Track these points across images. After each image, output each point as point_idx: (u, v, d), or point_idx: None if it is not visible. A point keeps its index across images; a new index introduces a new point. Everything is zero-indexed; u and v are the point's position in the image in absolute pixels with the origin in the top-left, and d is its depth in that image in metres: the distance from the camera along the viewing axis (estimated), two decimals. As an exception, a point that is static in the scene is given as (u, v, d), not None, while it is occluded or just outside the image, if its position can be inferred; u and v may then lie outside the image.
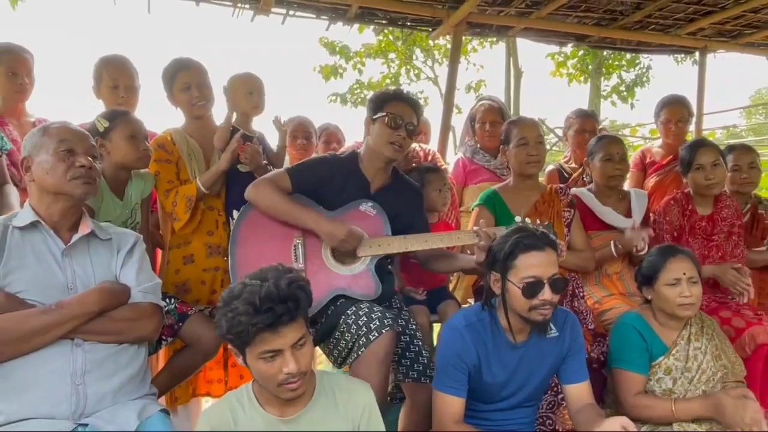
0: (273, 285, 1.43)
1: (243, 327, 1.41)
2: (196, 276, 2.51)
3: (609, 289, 2.66)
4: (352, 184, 2.24)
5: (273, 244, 2.19)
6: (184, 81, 2.51)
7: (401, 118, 2.20)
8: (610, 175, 2.71)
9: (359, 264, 2.17)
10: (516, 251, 1.79)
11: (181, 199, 2.44)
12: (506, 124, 2.68)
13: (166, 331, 2.12)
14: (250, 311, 1.40)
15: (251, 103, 2.64)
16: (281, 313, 1.41)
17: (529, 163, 2.49)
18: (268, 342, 1.43)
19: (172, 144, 2.52)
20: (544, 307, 1.77)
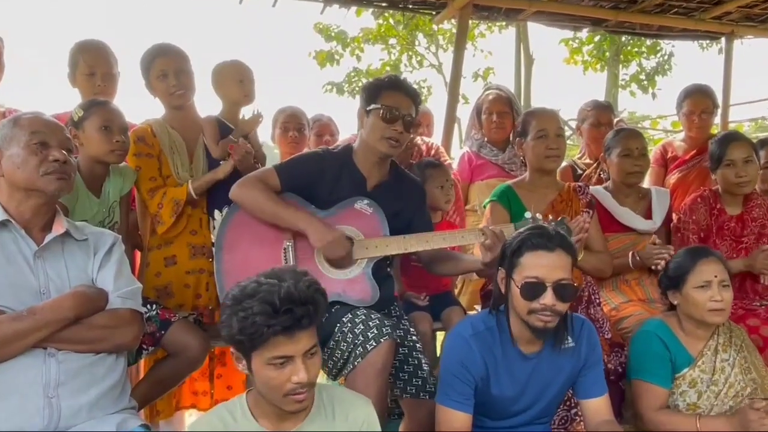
0: (293, 285, 1.43)
1: (257, 328, 1.39)
2: (179, 279, 2.52)
3: (627, 295, 2.67)
4: (347, 181, 2.23)
5: (261, 248, 2.19)
6: (161, 68, 2.51)
7: (397, 110, 2.19)
8: (629, 171, 2.70)
9: (355, 267, 2.17)
10: (522, 248, 1.80)
11: (168, 202, 2.44)
12: (523, 114, 2.68)
13: (146, 340, 2.12)
14: (267, 311, 1.39)
15: (242, 91, 2.64)
16: (301, 316, 1.41)
17: (548, 157, 2.49)
18: (281, 347, 1.42)
19: (152, 136, 2.52)
20: (545, 313, 1.77)
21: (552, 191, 2.57)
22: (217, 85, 2.67)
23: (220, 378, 2.75)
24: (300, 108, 3.41)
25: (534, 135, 2.50)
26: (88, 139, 2.25)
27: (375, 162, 2.26)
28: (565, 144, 2.59)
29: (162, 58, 2.52)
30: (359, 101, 2.31)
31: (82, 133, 2.25)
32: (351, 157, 2.28)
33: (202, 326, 2.35)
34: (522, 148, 2.59)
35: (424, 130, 3.64)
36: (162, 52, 2.54)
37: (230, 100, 2.65)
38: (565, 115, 10.77)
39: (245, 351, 1.46)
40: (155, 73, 2.52)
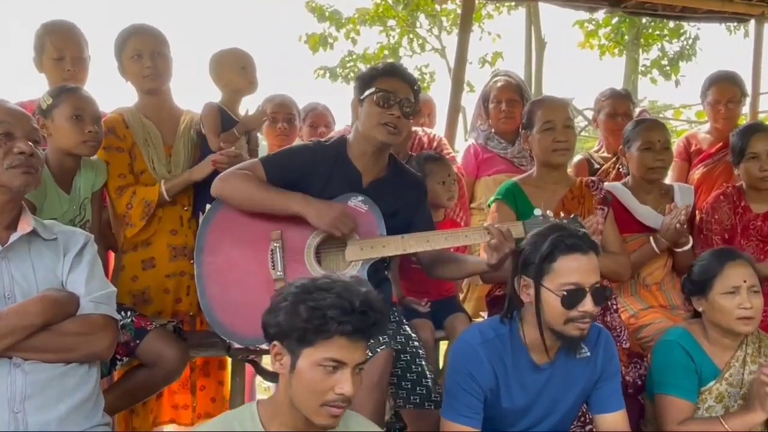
0: (369, 292, 1.48)
1: (327, 321, 1.42)
2: (158, 283, 2.51)
3: (647, 301, 2.66)
4: (340, 176, 2.23)
5: (246, 249, 2.18)
6: (135, 48, 2.50)
7: (393, 93, 2.19)
8: (650, 166, 2.70)
9: (349, 270, 2.16)
10: (555, 252, 1.79)
11: (138, 203, 2.43)
12: (528, 105, 2.68)
13: (120, 350, 2.11)
14: (345, 307, 1.43)
15: (246, 78, 2.64)
16: (373, 322, 1.46)
17: (555, 150, 2.49)
18: (339, 350, 1.44)
19: (124, 127, 2.51)
20: (584, 320, 1.78)
21: (562, 187, 2.57)
22: (217, 75, 2.67)
23: (203, 390, 2.75)
24: (290, 96, 3.39)
25: (540, 127, 2.50)
26: (58, 129, 2.24)
27: (372, 155, 2.26)
28: (575, 136, 2.58)
29: (137, 38, 2.51)
30: (353, 93, 2.30)
31: (51, 122, 2.24)
32: (345, 151, 2.27)
33: (182, 334, 2.34)
34: (528, 142, 2.59)
35: (426, 120, 3.62)
36: (137, 31, 2.53)
37: (232, 89, 2.65)
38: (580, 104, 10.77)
39: (296, 345, 1.46)
40: (129, 53, 2.51)
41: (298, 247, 2.17)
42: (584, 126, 10.38)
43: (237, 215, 2.20)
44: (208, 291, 2.17)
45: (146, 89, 2.56)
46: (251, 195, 2.15)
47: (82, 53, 2.67)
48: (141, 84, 2.55)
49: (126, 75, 2.57)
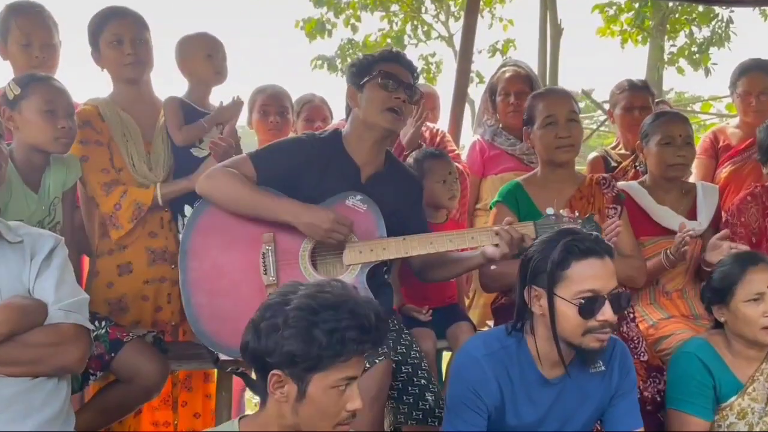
0: (370, 302, 1.50)
1: (347, 344, 1.43)
2: (135, 290, 2.52)
3: (668, 310, 2.66)
4: (336, 172, 2.24)
5: (235, 253, 2.19)
6: (115, 33, 2.51)
7: (398, 76, 2.22)
8: (670, 163, 2.70)
9: (347, 275, 2.17)
10: (569, 258, 1.79)
11: (128, 204, 2.44)
12: (529, 99, 2.69)
13: (94, 363, 2.12)
14: (363, 326, 1.44)
15: (212, 68, 2.64)
16: (383, 335, 1.50)
17: (558, 147, 2.49)
18: (353, 367, 1.47)
19: (100, 120, 2.52)
20: (603, 330, 1.78)
21: (569, 186, 2.57)
22: (181, 61, 2.67)
23: (185, 406, 2.76)
24: (282, 88, 3.40)
25: (541, 122, 2.51)
26: (27, 123, 2.24)
27: (372, 145, 2.27)
28: (580, 130, 2.59)
29: (117, 22, 2.52)
30: (347, 82, 2.31)
31: (19, 115, 2.24)
32: (341, 143, 2.28)
33: (162, 346, 2.35)
34: (530, 139, 2.60)
35: (428, 113, 3.63)
36: (117, 14, 2.53)
37: (197, 78, 2.66)
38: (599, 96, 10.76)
39: (306, 372, 1.45)
40: (107, 38, 2.51)
41: (292, 250, 2.18)
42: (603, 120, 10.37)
43: (225, 216, 2.21)
44: (193, 299, 2.18)
45: (126, 79, 2.57)
46: (237, 197, 2.15)
47: (52, 38, 2.68)
48: (120, 73, 2.56)
49: (102, 63, 2.57)
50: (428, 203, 2.72)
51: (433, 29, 13.73)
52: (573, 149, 2.53)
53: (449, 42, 13.83)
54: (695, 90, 21.01)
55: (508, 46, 13.08)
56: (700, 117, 11.59)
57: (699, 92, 15.74)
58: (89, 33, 2.56)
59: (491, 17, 13.00)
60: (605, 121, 10.33)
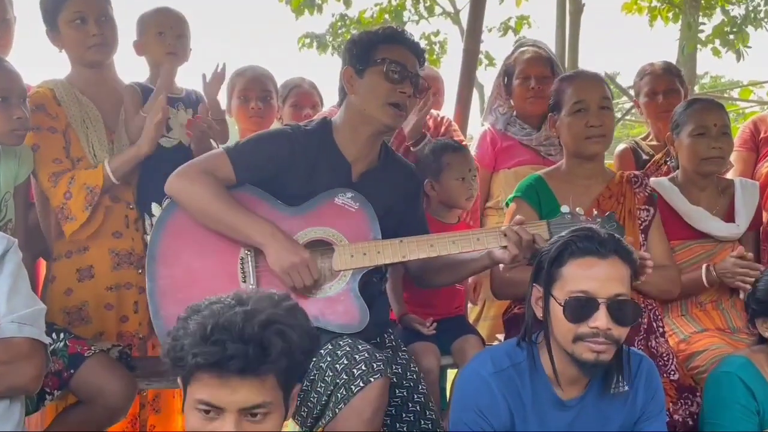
0: (242, 314, 1.46)
1: (182, 354, 1.45)
2: (98, 298, 2.52)
3: (701, 323, 2.67)
4: (325, 167, 2.24)
5: (210, 259, 2.19)
6: (77, 10, 2.51)
7: (404, 66, 2.21)
8: (704, 156, 2.71)
9: (337, 282, 2.18)
10: (564, 255, 1.81)
11: (78, 190, 2.43)
12: (556, 82, 2.69)
13: (51, 381, 2.11)
14: (196, 336, 1.45)
15: (163, 46, 2.65)
16: (232, 355, 1.42)
17: (589, 138, 2.50)
18: (209, 389, 1.45)
19: (56, 104, 2.52)
20: (596, 340, 1.78)
21: (597, 183, 2.58)
22: (137, 41, 2.69)
23: (153, 430, 2.76)
24: (265, 69, 3.40)
25: (570, 108, 2.51)
26: None
27: (366, 140, 2.27)
28: (613, 119, 2.60)
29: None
30: (344, 60, 2.31)
31: None
32: (331, 136, 2.28)
33: (129, 361, 2.35)
34: (555, 127, 2.60)
35: (431, 99, 3.64)
36: None
37: (152, 59, 2.67)
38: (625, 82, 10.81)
39: (183, 381, 1.51)
40: (68, 16, 2.52)
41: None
42: (629, 108, 10.39)
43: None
44: (163, 311, 2.18)
45: (90, 61, 2.57)
46: (206, 210, 2.15)
47: (6, 14, 2.68)
48: (83, 55, 2.56)
49: (61, 43, 2.58)
50: (442, 201, 2.73)
51: (436, 4, 13.74)
52: (604, 140, 2.53)
53: (455, 19, 13.85)
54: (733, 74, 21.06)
55: (522, 24, 13.09)
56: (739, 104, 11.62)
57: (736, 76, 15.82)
58: (44, 10, 2.57)
59: (503, -10, 13.02)
60: (631, 109, 10.36)
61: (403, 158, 2.53)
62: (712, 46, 12.23)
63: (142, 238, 2.56)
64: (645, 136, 3.60)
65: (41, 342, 1.80)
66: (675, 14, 11.92)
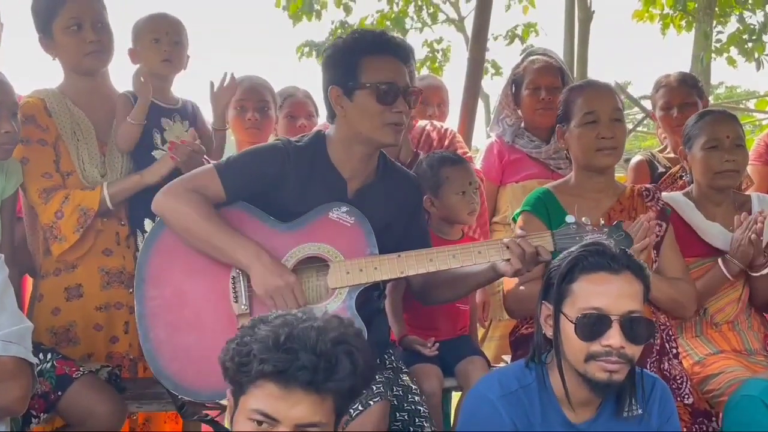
0: (316, 329, 1.51)
1: (249, 359, 1.48)
2: (86, 317, 2.52)
3: (717, 344, 2.67)
4: (319, 184, 2.25)
5: (201, 280, 2.19)
6: (73, 16, 2.53)
7: (394, 83, 2.19)
8: (718, 170, 2.71)
9: (333, 300, 2.18)
10: (575, 271, 1.81)
11: (71, 210, 2.44)
12: (565, 92, 2.70)
13: (37, 403, 2.11)
14: (267, 342, 1.48)
15: (158, 54, 2.65)
16: (303, 365, 1.46)
17: (599, 150, 2.50)
18: (268, 399, 1.48)
19: (46, 115, 2.53)
20: (609, 359, 1.78)
21: (608, 197, 2.59)
22: (132, 48, 2.70)
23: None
24: (262, 79, 3.41)
25: (580, 120, 2.52)
26: None
27: (362, 156, 2.27)
28: (624, 131, 2.60)
29: (75, 3, 2.53)
30: (326, 76, 2.28)
31: None
32: (324, 151, 2.29)
33: (118, 383, 2.35)
34: (564, 139, 2.61)
35: (435, 111, 3.65)
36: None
37: (147, 67, 2.66)
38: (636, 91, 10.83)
39: (236, 392, 1.54)
40: (64, 21, 2.53)
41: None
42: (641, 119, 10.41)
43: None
44: (152, 334, 2.18)
45: (86, 69, 2.58)
46: (192, 230, 2.15)
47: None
48: (79, 62, 2.57)
49: (56, 51, 2.59)
50: (443, 217, 2.73)
51: (440, 11, 13.81)
52: (615, 153, 2.54)
53: (459, 26, 13.93)
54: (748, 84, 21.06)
55: (529, 32, 13.15)
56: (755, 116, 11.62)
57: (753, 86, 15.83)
58: (37, 15, 2.58)
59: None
60: (642, 120, 10.39)
61: (403, 168, 2.52)
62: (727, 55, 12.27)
63: (134, 256, 2.56)
64: (662, 149, 3.61)
65: (28, 362, 1.80)
66: (688, 22, 11.95)
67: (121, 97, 2.63)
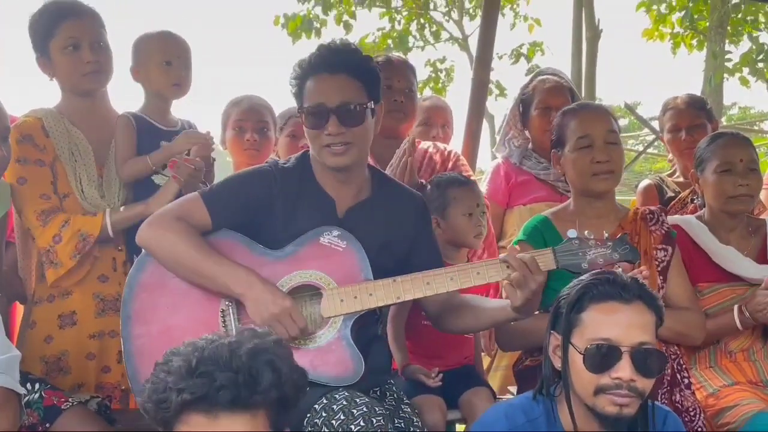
0: (228, 346, 1.49)
1: (165, 394, 1.45)
2: (79, 346, 2.51)
3: (731, 375, 2.66)
4: (308, 205, 2.25)
5: (189, 313, 2.19)
6: (71, 36, 2.54)
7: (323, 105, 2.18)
8: (731, 194, 2.72)
9: (327, 330, 2.17)
10: (584, 300, 1.82)
11: (71, 236, 2.44)
12: (558, 116, 2.71)
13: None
14: (181, 372, 1.45)
15: (170, 78, 2.67)
16: (222, 385, 1.44)
17: (595, 174, 2.52)
18: (197, 429, 1.45)
19: (44, 135, 2.54)
20: (619, 392, 1.77)
21: (609, 222, 2.59)
22: (135, 67, 2.71)
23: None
24: (263, 99, 3.42)
25: (574, 144, 2.54)
26: None
27: (339, 176, 2.26)
28: (621, 154, 2.61)
29: (72, 22, 2.55)
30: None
31: None
32: (310, 171, 2.29)
33: (108, 414, 2.34)
34: (560, 164, 2.62)
35: (439, 132, 3.66)
36: (72, 12, 2.57)
37: (153, 88, 2.69)
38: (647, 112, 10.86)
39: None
40: (61, 41, 2.54)
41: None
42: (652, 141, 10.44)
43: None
44: (140, 373, 2.15)
45: (84, 90, 2.60)
46: (179, 260, 2.15)
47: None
48: (77, 84, 2.59)
49: (53, 71, 2.60)
50: (449, 240, 2.73)
51: (443, 29, 13.93)
52: (612, 177, 2.55)
53: (463, 45, 14.02)
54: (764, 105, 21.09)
55: (535, 51, 13.25)
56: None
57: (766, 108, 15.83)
58: (34, 35, 2.59)
59: (514, 16, 13.21)
60: (653, 142, 10.40)
61: (401, 184, 2.52)
62: (739, 75, 12.31)
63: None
64: (671, 173, 3.62)
65: (15, 392, 1.79)
66: (699, 41, 12.02)
67: (121, 118, 2.64)
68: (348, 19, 12.79)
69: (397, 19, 13.47)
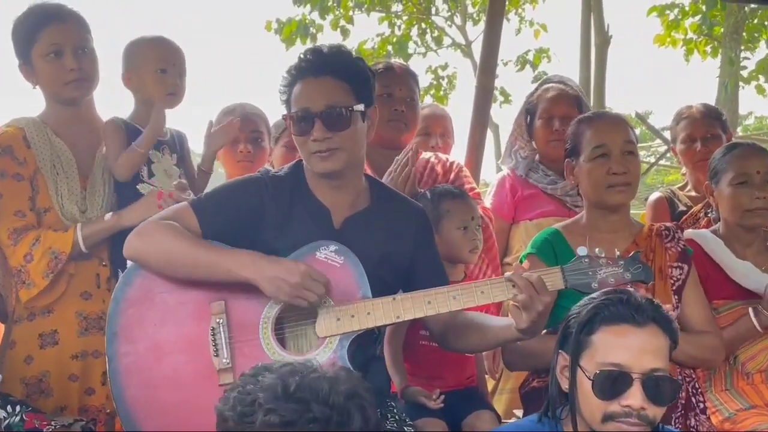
0: (327, 380, 1.52)
1: (253, 407, 1.47)
2: (61, 367, 2.51)
3: (748, 399, 2.66)
4: (302, 217, 2.26)
5: (177, 331, 2.18)
6: (53, 42, 2.55)
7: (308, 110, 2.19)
8: (747, 208, 2.73)
9: (323, 350, 2.16)
10: (595, 321, 1.82)
11: (42, 254, 2.44)
12: (573, 124, 2.72)
13: (5, 462, 2.11)
14: (276, 390, 1.48)
15: (165, 86, 2.68)
16: (315, 417, 1.47)
17: (611, 186, 2.52)
18: None
19: (25, 147, 2.54)
20: (628, 420, 1.77)
21: (622, 237, 2.59)
22: (126, 73, 2.72)
23: None
24: (257, 108, 3.44)
25: (589, 154, 2.54)
26: None
27: (334, 184, 2.27)
28: (638, 165, 2.61)
29: (55, 28, 2.55)
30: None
31: None
32: (304, 180, 2.31)
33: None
34: (573, 175, 2.62)
35: (438, 141, 3.67)
36: (55, 17, 2.57)
37: (146, 96, 2.69)
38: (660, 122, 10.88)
39: None
40: (42, 48, 2.55)
41: (249, 322, 2.17)
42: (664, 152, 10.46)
43: (162, 282, 2.21)
44: (127, 393, 2.15)
45: (67, 98, 2.61)
46: (177, 255, 2.14)
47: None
48: (60, 92, 2.60)
49: (36, 79, 2.61)
50: (443, 255, 2.72)
51: (445, 34, 13.98)
52: (629, 189, 2.55)
53: (466, 51, 14.07)
54: (780, 115, 21.17)
55: (541, 58, 13.30)
56: (787, 149, 11.61)
57: (785, 117, 15.88)
58: (16, 41, 2.60)
59: (519, 21, 13.26)
60: (665, 153, 10.42)
61: (402, 194, 2.53)
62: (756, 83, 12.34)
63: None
64: (682, 186, 3.63)
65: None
66: (714, 48, 12.04)
67: (109, 123, 2.65)
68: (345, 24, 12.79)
69: (397, 24, 13.50)
